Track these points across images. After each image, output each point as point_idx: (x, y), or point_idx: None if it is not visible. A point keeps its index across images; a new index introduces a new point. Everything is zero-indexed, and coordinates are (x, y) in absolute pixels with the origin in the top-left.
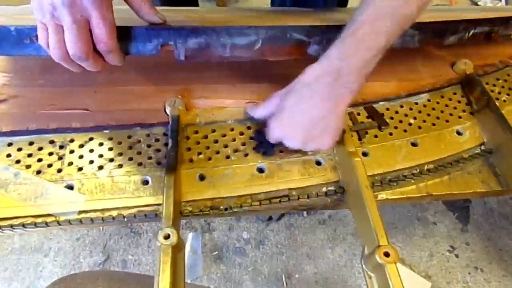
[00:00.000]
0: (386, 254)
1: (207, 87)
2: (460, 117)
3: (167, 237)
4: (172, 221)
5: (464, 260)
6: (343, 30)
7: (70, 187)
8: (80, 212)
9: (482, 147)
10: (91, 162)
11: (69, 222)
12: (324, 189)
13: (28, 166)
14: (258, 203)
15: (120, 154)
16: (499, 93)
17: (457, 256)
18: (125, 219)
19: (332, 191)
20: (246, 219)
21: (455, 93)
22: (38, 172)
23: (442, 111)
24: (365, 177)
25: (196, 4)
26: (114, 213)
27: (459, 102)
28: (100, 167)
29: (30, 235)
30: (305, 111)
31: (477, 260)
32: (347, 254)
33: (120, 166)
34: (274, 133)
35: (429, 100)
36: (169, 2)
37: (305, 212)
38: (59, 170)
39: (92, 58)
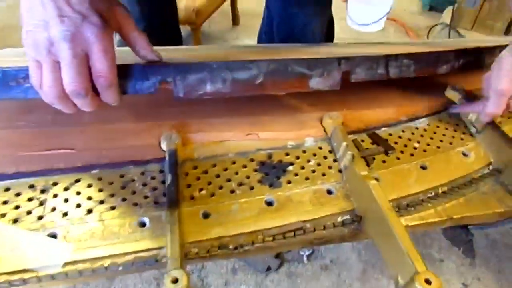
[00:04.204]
0: (428, 282)
1: (203, 121)
2: (462, 139)
3: (175, 281)
4: (180, 261)
5: None
6: None
7: (53, 236)
8: (66, 264)
9: (490, 167)
10: (78, 206)
11: (52, 277)
12: (339, 219)
13: (3, 215)
14: (271, 238)
15: (112, 195)
16: None
17: None
18: (120, 268)
19: (348, 220)
20: (243, 271)
21: (451, 117)
22: (15, 220)
23: (443, 134)
24: (386, 200)
25: (180, 43)
26: (107, 262)
27: (457, 125)
28: (89, 211)
29: None
30: None
31: None
32: None
33: (113, 208)
34: None
35: (428, 124)
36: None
37: (305, 258)
38: (40, 217)
39: (91, 95)
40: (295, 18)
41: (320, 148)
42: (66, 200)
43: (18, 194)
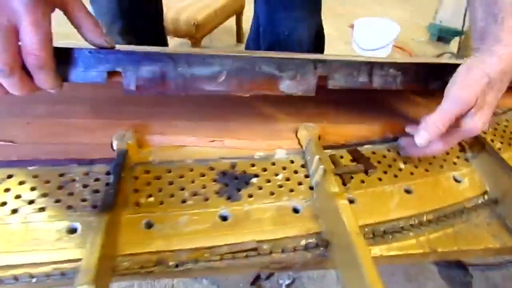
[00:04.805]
0: None
1: (166, 123)
2: (455, 163)
3: None
4: (94, 276)
5: None
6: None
7: None
8: None
9: (486, 197)
10: (3, 204)
11: None
12: (303, 242)
13: None
14: (218, 257)
15: (45, 195)
16: (492, 141)
17: None
18: (34, 280)
19: (313, 244)
20: None
21: None
22: None
23: (434, 157)
24: (355, 223)
25: (166, 44)
26: (19, 271)
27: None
28: (14, 211)
29: None
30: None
31: None
32: None
33: (42, 209)
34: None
35: None
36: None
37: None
38: None
39: (19, 74)
40: (281, 23)
41: (292, 161)
42: None
43: None
